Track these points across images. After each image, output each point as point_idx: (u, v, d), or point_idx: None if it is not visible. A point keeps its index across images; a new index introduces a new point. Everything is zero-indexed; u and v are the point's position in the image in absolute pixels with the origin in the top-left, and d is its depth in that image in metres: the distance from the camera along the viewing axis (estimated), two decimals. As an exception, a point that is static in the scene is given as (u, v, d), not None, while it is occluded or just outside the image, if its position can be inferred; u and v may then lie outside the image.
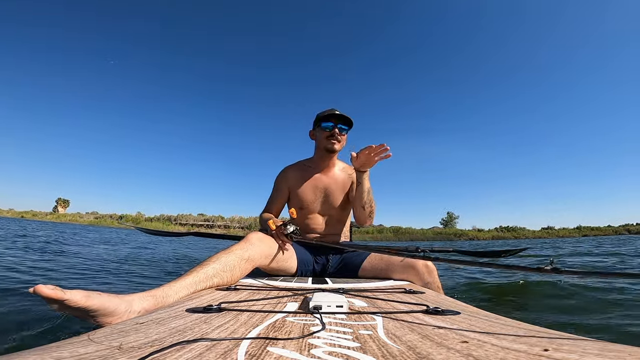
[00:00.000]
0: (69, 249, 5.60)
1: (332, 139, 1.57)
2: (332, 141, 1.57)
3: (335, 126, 1.57)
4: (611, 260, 4.68)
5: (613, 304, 1.87)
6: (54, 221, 44.88)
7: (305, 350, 0.46)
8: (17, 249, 4.84)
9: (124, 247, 7.23)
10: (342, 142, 1.61)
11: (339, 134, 1.58)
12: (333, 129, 1.57)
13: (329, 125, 1.58)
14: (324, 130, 1.59)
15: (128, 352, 0.44)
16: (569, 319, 1.67)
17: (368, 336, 0.54)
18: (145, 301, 0.79)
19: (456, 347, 0.48)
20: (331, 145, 1.57)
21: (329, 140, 1.57)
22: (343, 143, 1.62)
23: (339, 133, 1.58)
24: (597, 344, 0.48)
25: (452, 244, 22.81)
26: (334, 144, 1.57)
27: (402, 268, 1.34)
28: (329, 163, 1.65)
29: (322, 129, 1.59)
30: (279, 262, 1.33)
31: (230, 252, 1.10)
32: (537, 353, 0.44)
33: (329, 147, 1.58)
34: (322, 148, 1.61)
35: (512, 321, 0.68)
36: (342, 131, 1.59)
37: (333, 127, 1.57)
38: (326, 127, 1.58)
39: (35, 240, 6.67)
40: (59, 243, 6.70)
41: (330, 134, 1.57)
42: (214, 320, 0.62)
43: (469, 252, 2.06)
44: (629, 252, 6.08)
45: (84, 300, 0.67)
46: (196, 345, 0.47)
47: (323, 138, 1.59)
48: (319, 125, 1.60)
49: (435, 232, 49.44)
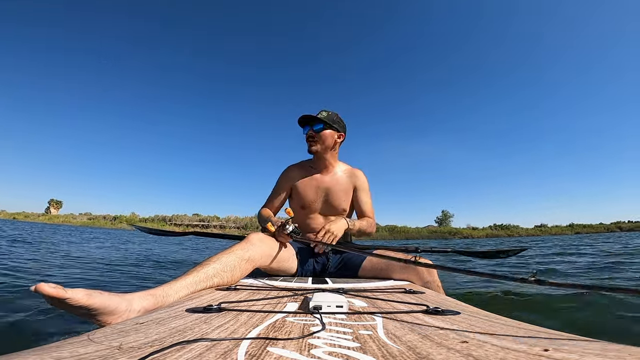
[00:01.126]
0: (67, 249, 5.57)
1: (308, 141, 1.63)
2: (309, 143, 1.63)
3: (311, 128, 1.61)
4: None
5: (613, 304, 1.89)
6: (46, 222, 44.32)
7: (305, 350, 0.46)
8: (16, 248, 4.80)
9: (124, 247, 7.19)
10: (322, 141, 1.62)
11: (315, 134, 1.61)
12: (307, 132, 1.63)
13: (304, 131, 1.65)
14: (304, 133, 1.66)
15: (128, 352, 0.44)
16: (569, 319, 1.68)
17: (368, 336, 0.54)
18: (145, 300, 0.79)
19: (456, 347, 0.48)
20: (309, 146, 1.64)
21: (307, 142, 1.64)
22: (325, 141, 1.63)
23: (315, 134, 1.61)
24: (597, 344, 0.49)
25: (446, 242, 22.93)
26: (311, 146, 1.63)
27: (402, 268, 1.35)
28: (327, 164, 1.67)
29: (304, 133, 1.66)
30: (279, 262, 1.33)
31: (231, 252, 1.10)
32: (537, 353, 0.44)
33: (308, 149, 1.65)
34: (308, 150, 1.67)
35: (512, 321, 0.69)
36: (318, 131, 1.61)
37: (308, 130, 1.63)
38: (304, 132, 1.66)
39: (32, 241, 6.62)
40: (55, 243, 6.65)
41: (307, 136, 1.64)
42: (214, 320, 0.62)
43: (467, 251, 2.06)
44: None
45: (86, 298, 0.67)
46: (196, 345, 0.47)
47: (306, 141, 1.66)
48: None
49: (430, 231, 49.69)
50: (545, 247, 9.00)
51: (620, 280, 2.99)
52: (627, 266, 3.79)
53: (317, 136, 1.61)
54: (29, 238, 7.65)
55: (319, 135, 1.61)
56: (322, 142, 1.62)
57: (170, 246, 8.64)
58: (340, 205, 1.66)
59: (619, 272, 3.38)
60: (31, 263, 3.42)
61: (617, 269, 3.61)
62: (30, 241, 6.65)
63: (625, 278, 3.06)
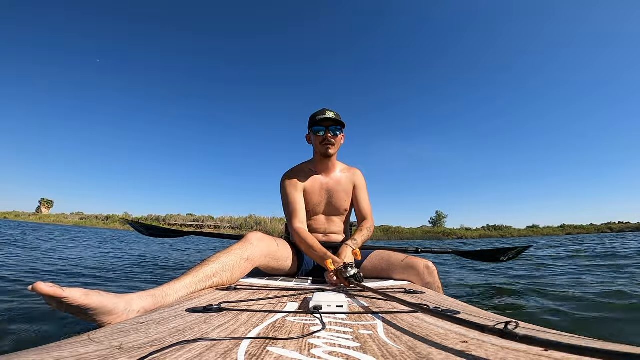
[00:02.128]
0: (65, 248, 5.50)
1: (326, 144, 1.56)
2: (326, 146, 1.57)
3: (328, 130, 1.56)
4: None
5: (613, 304, 1.90)
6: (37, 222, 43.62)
7: (305, 350, 0.46)
8: (15, 248, 4.73)
9: (122, 246, 7.12)
10: (338, 144, 1.60)
11: (333, 137, 1.56)
12: (326, 134, 1.56)
13: (321, 130, 1.57)
14: (317, 135, 1.58)
15: (128, 352, 0.44)
16: (569, 319, 1.69)
17: (368, 336, 0.55)
18: (145, 300, 0.79)
19: (456, 347, 0.48)
20: (325, 150, 1.57)
21: (323, 146, 1.57)
22: (339, 144, 1.61)
23: (332, 136, 1.56)
24: (597, 344, 0.49)
25: (441, 243, 23.08)
26: (328, 149, 1.57)
27: (402, 268, 1.35)
28: (330, 165, 1.65)
29: (315, 134, 1.58)
30: (279, 262, 1.33)
31: (230, 252, 1.10)
32: (537, 353, 0.45)
33: (324, 152, 1.58)
34: (319, 152, 1.61)
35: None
36: (335, 133, 1.57)
37: (326, 131, 1.56)
38: (318, 131, 1.57)
39: (28, 241, 6.55)
40: (52, 243, 6.58)
41: (324, 139, 1.56)
42: (214, 320, 0.62)
43: (467, 252, 2.07)
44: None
45: (83, 298, 0.67)
46: (196, 345, 0.47)
47: (318, 143, 1.59)
48: (312, 129, 1.59)
49: (424, 231, 49.86)
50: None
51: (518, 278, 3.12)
52: (549, 270, 3.85)
53: (334, 139, 1.57)
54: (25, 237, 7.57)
55: (336, 138, 1.58)
56: (337, 145, 1.60)
57: (165, 246, 8.57)
58: (342, 206, 1.66)
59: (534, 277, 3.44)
60: (30, 262, 3.39)
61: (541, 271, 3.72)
62: (26, 241, 6.58)
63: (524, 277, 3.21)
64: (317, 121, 1.56)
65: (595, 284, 2.70)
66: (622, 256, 5.03)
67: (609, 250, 6.26)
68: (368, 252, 1.48)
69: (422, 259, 1.34)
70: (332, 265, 1.20)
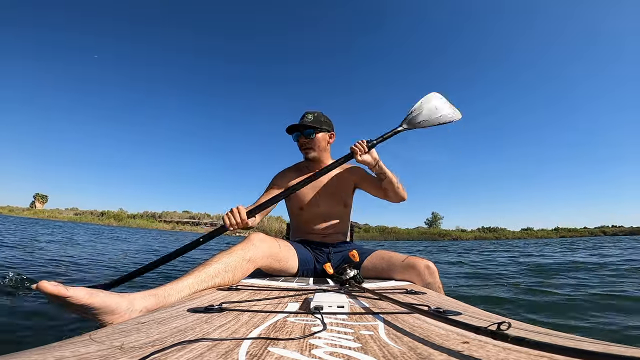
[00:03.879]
0: (65, 247, 5.46)
1: (304, 148, 1.61)
2: (305, 150, 1.61)
3: (302, 135, 1.59)
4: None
5: (613, 304, 1.92)
6: (32, 217, 43.21)
7: (306, 350, 0.46)
8: (14, 247, 4.69)
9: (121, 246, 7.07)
10: (317, 145, 1.61)
11: (308, 141, 1.59)
12: (299, 140, 1.61)
13: (294, 137, 1.63)
14: (295, 141, 1.64)
15: (129, 352, 0.43)
16: (569, 320, 1.71)
17: (369, 337, 0.55)
18: (147, 300, 0.79)
19: (457, 347, 0.48)
20: (305, 154, 1.63)
21: (302, 150, 1.63)
22: (321, 145, 1.62)
23: (307, 140, 1.59)
24: (599, 345, 0.49)
25: (436, 244, 23.18)
26: (307, 153, 1.61)
27: (403, 268, 1.35)
28: (324, 163, 1.65)
29: (294, 141, 1.64)
30: (281, 263, 1.33)
31: (232, 253, 1.10)
32: (539, 354, 0.45)
33: (305, 156, 1.64)
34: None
35: (513, 322, 0.70)
36: (309, 137, 1.58)
37: (298, 137, 1.61)
38: (294, 138, 1.63)
39: (26, 239, 6.51)
40: (51, 241, 6.52)
41: (300, 145, 1.62)
42: (215, 320, 0.62)
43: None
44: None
45: (87, 297, 0.67)
46: (197, 345, 0.47)
47: (299, 148, 1.64)
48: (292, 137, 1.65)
49: (420, 232, 50.08)
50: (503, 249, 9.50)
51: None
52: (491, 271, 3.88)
53: (310, 142, 1.59)
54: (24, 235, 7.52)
55: (312, 141, 1.59)
56: (317, 147, 1.60)
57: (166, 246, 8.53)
58: (339, 203, 1.66)
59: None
60: (29, 262, 3.36)
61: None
62: (26, 239, 6.54)
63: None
64: (288, 130, 1.62)
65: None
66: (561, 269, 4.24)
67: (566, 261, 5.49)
68: (368, 253, 1.48)
69: (423, 260, 1.33)
70: (331, 269, 1.23)
